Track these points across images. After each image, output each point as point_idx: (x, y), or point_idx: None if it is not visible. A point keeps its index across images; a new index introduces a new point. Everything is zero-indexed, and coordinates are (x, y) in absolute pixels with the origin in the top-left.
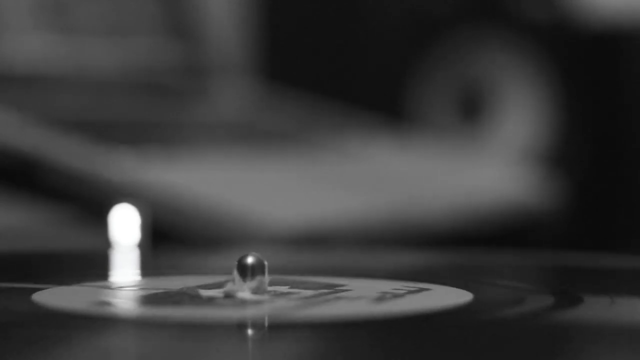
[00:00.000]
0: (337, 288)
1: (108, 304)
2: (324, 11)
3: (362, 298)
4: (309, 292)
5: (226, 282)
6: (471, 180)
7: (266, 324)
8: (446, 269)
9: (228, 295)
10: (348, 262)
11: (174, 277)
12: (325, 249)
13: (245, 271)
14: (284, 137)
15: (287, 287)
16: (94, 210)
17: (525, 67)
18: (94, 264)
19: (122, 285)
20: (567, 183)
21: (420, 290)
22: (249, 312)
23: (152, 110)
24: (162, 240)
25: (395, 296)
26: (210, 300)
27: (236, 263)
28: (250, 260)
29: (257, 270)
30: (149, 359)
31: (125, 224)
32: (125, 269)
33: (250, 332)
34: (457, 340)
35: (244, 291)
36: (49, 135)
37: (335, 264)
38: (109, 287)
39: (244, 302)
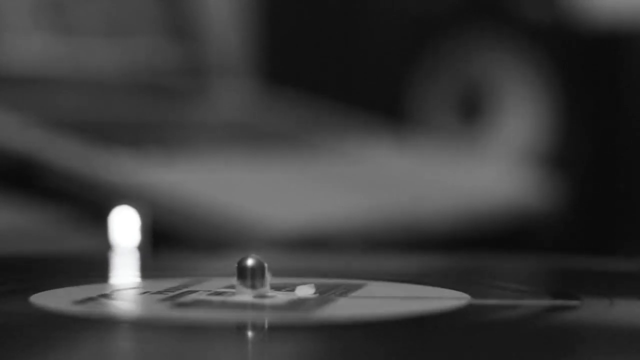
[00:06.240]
0: (335, 289)
1: (108, 305)
2: (323, 12)
3: (361, 299)
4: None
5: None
6: (471, 181)
7: (266, 326)
8: (444, 271)
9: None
10: (346, 264)
11: (174, 279)
12: (324, 250)
13: (245, 273)
14: (283, 138)
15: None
16: (94, 212)
17: (525, 67)
18: (94, 266)
19: (122, 287)
20: (567, 184)
21: (419, 291)
22: (248, 314)
23: (152, 111)
24: (162, 242)
25: (393, 298)
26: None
27: (236, 265)
28: (250, 262)
29: (257, 272)
30: None
31: (125, 226)
32: (125, 270)
33: (250, 333)
34: (455, 343)
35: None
36: (48, 137)
37: (332, 265)
38: (108, 289)
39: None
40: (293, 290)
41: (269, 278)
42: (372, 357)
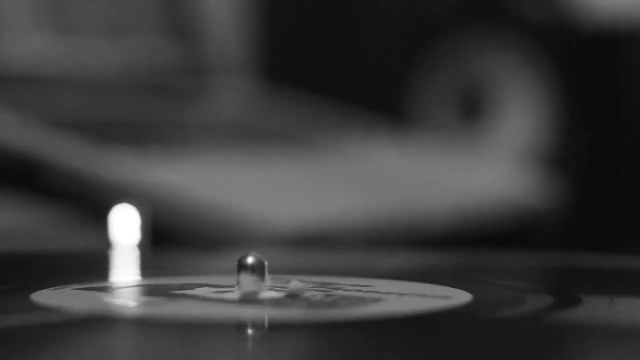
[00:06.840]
0: (335, 288)
1: (108, 304)
2: (324, 11)
3: (362, 298)
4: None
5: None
6: (471, 180)
7: (266, 324)
8: (445, 269)
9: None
10: (347, 262)
11: (174, 277)
12: (325, 249)
13: (245, 271)
14: (283, 138)
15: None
16: (94, 211)
17: (525, 67)
18: (94, 264)
19: (122, 285)
20: (567, 183)
21: (420, 290)
22: (248, 312)
23: (152, 110)
24: (162, 241)
25: (395, 296)
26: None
27: (237, 263)
28: (250, 260)
29: (257, 270)
30: (149, 358)
31: (125, 224)
32: (125, 269)
33: (250, 332)
34: (457, 341)
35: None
36: (49, 136)
37: (333, 263)
38: (108, 287)
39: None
40: (291, 287)
41: (267, 277)
42: (372, 357)
